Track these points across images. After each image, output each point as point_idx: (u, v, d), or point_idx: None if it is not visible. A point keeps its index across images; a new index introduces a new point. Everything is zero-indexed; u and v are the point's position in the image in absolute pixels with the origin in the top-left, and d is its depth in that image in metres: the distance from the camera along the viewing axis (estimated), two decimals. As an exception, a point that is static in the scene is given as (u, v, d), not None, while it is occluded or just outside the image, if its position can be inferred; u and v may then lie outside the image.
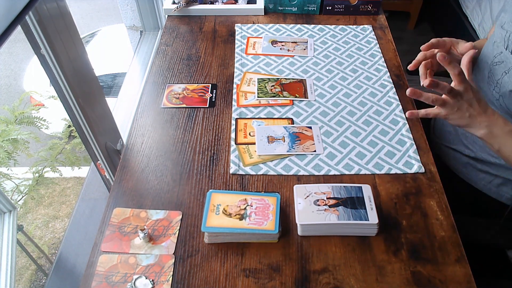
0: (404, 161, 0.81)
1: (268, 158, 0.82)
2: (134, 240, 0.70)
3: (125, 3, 2.04)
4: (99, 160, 1.06)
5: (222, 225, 0.67)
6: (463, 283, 0.64)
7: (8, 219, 1.25)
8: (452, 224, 0.71)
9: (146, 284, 0.64)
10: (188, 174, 0.80)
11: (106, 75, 2.89)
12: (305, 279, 0.65)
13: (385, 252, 0.68)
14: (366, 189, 0.71)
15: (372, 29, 1.16)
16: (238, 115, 0.91)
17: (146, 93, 0.97)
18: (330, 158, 0.82)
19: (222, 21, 1.19)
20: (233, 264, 0.67)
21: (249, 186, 0.78)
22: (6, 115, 2.20)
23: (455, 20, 2.39)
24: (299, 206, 0.69)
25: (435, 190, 0.77)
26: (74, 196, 2.67)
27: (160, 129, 0.89)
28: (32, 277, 2.32)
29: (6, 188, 2.21)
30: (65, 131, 2.55)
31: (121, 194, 0.77)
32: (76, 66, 0.84)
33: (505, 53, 0.78)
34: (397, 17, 2.78)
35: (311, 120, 0.90)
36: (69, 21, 0.79)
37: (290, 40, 1.11)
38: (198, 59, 1.06)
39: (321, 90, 0.97)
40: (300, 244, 0.69)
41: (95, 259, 0.68)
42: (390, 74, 1.01)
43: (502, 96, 0.78)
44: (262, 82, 0.98)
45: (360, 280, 0.64)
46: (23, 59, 3.57)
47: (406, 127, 0.88)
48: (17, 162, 2.08)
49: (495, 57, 0.81)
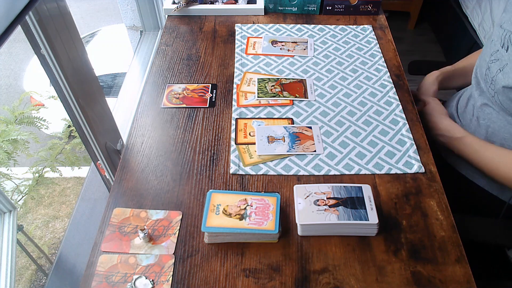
0: (404, 161, 0.81)
1: (268, 158, 0.82)
2: (134, 240, 0.70)
3: (125, 3, 2.04)
4: (99, 160, 1.06)
5: (222, 225, 0.67)
6: (463, 283, 0.64)
7: (8, 219, 1.25)
8: (452, 224, 0.71)
9: (146, 284, 0.64)
10: (188, 174, 0.80)
11: (106, 75, 2.89)
12: (305, 279, 0.65)
13: (385, 252, 0.68)
14: (366, 189, 0.71)
15: (372, 29, 1.16)
16: (238, 115, 0.91)
17: (146, 93, 0.97)
18: (330, 158, 0.82)
19: (222, 21, 1.19)
20: (233, 264, 0.67)
21: (249, 186, 0.78)
22: (6, 115, 2.20)
23: (455, 20, 2.39)
24: (299, 206, 0.69)
25: (435, 190, 0.77)
26: (74, 196, 2.67)
27: (160, 129, 0.89)
28: (32, 277, 2.32)
29: (6, 188, 2.21)
30: (65, 131, 2.55)
31: (121, 194, 0.77)
32: (76, 66, 0.84)
33: (501, 51, 0.81)
34: (397, 17, 2.78)
35: (311, 120, 0.90)
36: (69, 21, 0.79)
37: (290, 40, 1.11)
38: (198, 59, 1.06)
39: (321, 90, 0.97)
40: (300, 244, 0.69)
41: (95, 259, 0.68)
42: (390, 74, 1.01)
43: (496, 92, 0.82)
44: (262, 82, 0.98)
45: (360, 280, 0.64)
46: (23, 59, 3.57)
47: (406, 127, 0.88)
48: (17, 162, 2.08)
49: (491, 55, 0.84)
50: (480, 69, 0.88)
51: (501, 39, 0.82)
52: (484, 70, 0.86)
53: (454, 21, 2.39)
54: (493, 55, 0.83)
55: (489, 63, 0.84)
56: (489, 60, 0.84)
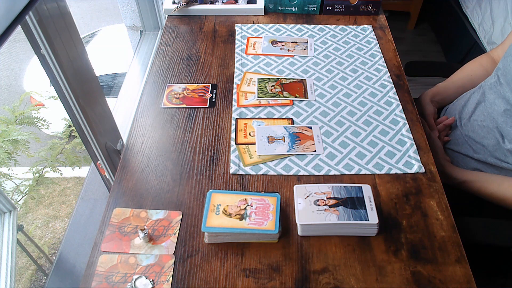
0: (404, 161, 0.81)
1: (268, 158, 0.82)
2: (134, 240, 0.70)
3: (125, 3, 2.04)
4: (99, 160, 1.06)
5: (222, 225, 0.67)
6: (463, 283, 0.64)
7: (8, 219, 1.25)
8: (452, 224, 0.71)
9: (146, 284, 0.64)
10: (188, 174, 0.80)
11: (106, 75, 2.89)
12: (305, 279, 0.65)
13: (385, 252, 0.68)
14: (366, 189, 0.71)
15: (372, 29, 1.16)
16: (238, 115, 0.91)
17: (146, 93, 0.97)
18: (330, 158, 0.82)
19: (222, 21, 1.19)
20: (233, 264, 0.67)
21: (249, 186, 0.78)
22: (7, 116, 2.20)
23: (455, 20, 2.39)
24: (299, 206, 0.69)
25: (435, 190, 0.77)
26: (74, 196, 2.67)
27: (160, 129, 0.89)
28: (32, 277, 2.32)
29: (6, 188, 2.21)
30: (65, 131, 2.55)
31: (121, 194, 0.77)
32: (76, 66, 0.84)
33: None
34: (397, 17, 2.78)
35: (311, 120, 0.90)
36: (69, 21, 0.79)
37: (290, 40, 1.11)
38: (198, 59, 1.06)
39: (321, 90, 0.97)
40: (300, 244, 0.69)
41: (95, 259, 0.68)
42: (390, 74, 1.01)
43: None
44: (262, 82, 0.98)
45: (360, 280, 0.64)
46: (23, 59, 3.57)
47: (406, 127, 0.88)
48: (18, 162, 2.08)
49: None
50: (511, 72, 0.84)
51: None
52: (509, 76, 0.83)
53: (454, 21, 2.39)
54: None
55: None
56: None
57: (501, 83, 0.87)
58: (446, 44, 2.56)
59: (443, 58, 2.55)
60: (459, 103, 1.02)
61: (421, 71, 1.30)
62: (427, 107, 1.03)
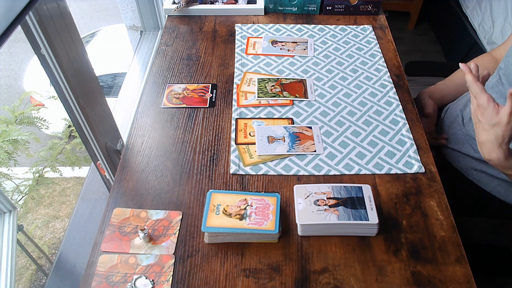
0: (404, 161, 0.81)
1: (268, 158, 0.82)
2: (134, 240, 0.70)
3: (125, 3, 2.04)
4: (99, 160, 1.06)
5: (222, 225, 0.67)
6: (463, 283, 0.64)
7: (8, 219, 1.25)
8: (452, 224, 0.71)
9: (146, 284, 0.64)
10: (188, 174, 0.80)
11: (106, 75, 2.89)
12: (305, 279, 0.65)
13: (385, 252, 0.68)
14: (366, 189, 0.71)
15: (372, 29, 1.16)
16: (238, 115, 0.91)
17: (146, 93, 0.97)
18: (330, 158, 0.82)
19: (222, 21, 1.19)
20: (233, 264, 0.67)
21: (249, 186, 0.78)
22: (6, 116, 2.20)
23: (455, 20, 2.39)
24: (299, 206, 0.69)
25: (435, 190, 0.77)
26: (74, 196, 2.67)
27: (160, 129, 0.89)
28: (32, 277, 2.32)
29: (6, 188, 2.21)
30: (65, 131, 2.55)
31: (121, 194, 0.77)
32: (76, 66, 0.84)
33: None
34: (397, 17, 2.78)
35: (311, 120, 0.90)
36: (69, 21, 0.79)
37: (290, 40, 1.11)
38: (198, 59, 1.06)
39: (321, 90, 0.97)
40: (300, 244, 0.69)
41: (95, 259, 0.68)
42: (390, 74, 1.01)
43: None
44: (262, 82, 0.98)
45: (360, 280, 0.64)
46: (23, 59, 3.57)
47: (406, 127, 0.88)
48: (17, 162, 2.08)
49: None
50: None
51: None
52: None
53: (454, 21, 2.39)
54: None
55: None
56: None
57: (502, 82, 0.87)
58: (446, 44, 2.56)
59: (443, 58, 2.55)
60: (461, 102, 1.01)
61: (421, 71, 1.30)
62: (426, 101, 1.04)
